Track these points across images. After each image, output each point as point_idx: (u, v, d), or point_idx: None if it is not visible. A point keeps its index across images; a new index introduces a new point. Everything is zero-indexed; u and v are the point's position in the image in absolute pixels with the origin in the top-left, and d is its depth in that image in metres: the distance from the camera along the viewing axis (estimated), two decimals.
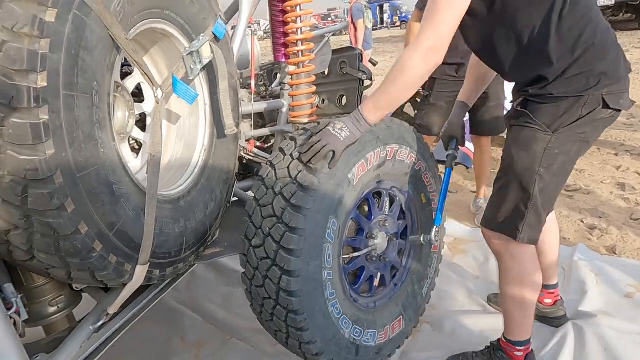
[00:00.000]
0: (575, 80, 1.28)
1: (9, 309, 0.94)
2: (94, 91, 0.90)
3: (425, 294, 1.89)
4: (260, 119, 2.29)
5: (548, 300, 1.84)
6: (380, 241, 1.69)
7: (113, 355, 1.94)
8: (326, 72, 2.37)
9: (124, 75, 1.33)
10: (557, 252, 1.76)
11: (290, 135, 1.57)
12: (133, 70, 1.41)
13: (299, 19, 1.78)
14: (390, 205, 1.77)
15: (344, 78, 2.29)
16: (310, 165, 1.35)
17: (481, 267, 2.41)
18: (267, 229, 1.38)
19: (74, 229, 0.89)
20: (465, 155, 3.37)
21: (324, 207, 1.38)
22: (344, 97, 2.32)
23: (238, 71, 2.04)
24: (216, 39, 1.41)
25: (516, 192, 1.39)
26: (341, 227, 1.47)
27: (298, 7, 1.77)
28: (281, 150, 1.50)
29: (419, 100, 2.90)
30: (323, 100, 2.42)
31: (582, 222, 2.75)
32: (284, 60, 1.89)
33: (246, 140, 1.96)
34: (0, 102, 0.76)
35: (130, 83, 1.39)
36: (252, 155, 1.88)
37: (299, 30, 1.79)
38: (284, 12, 1.79)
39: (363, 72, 2.21)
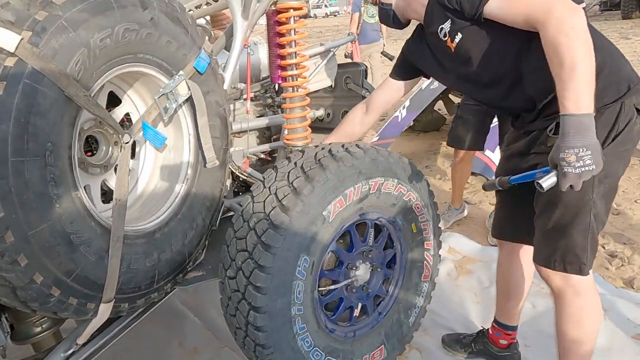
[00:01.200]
0: (606, 91, 1.23)
1: None
2: (48, 152, 0.96)
3: (412, 323, 1.87)
4: (267, 131, 2.31)
5: (503, 342, 1.80)
6: (362, 272, 1.69)
7: (113, 353, 2.08)
8: (332, 86, 2.34)
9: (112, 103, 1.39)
10: (525, 294, 1.67)
11: (275, 165, 1.58)
12: (121, 101, 1.47)
13: (293, 42, 1.76)
14: (377, 235, 1.76)
15: (348, 94, 2.26)
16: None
17: (483, 291, 2.34)
18: (240, 262, 1.41)
19: (27, 280, 0.96)
20: (486, 166, 3.24)
21: (295, 245, 1.39)
22: (346, 113, 2.28)
23: (241, 85, 2.07)
24: (198, 72, 1.43)
25: (574, 226, 1.32)
26: (315, 263, 1.48)
27: (292, 31, 1.75)
28: (262, 181, 1.52)
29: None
30: (328, 114, 2.40)
31: (604, 247, 2.58)
32: (280, 82, 1.89)
33: (246, 156, 2.00)
34: None
35: (118, 112, 1.45)
36: (246, 175, 1.91)
37: (294, 54, 1.78)
38: (279, 34, 1.78)
39: (366, 89, 2.17)
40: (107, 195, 1.44)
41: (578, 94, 1.10)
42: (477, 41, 1.33)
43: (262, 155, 2.29)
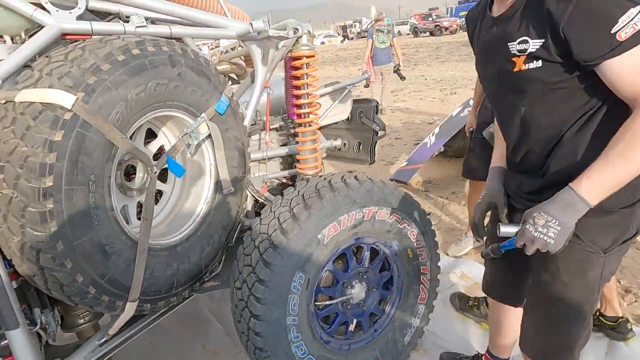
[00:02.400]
0: (623, 189, 1.05)
1: (35, 327, 1.34)
2: (91, 182, 1.26)
3: (407, 342, 2.02)
4: (289, 158, 2.57)
5: None
6: (357, 291, 1.87)
7: (142, 350, 2.37)
8: (349, 119, 2.57)
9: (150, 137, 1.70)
10: (517, 332, 1.62)
11: (283, 191, 1.83)
12: (157, 135, 1.78)
13: (306, 84, 2.02)
14: (373, 258, 1.94)
15: (361, 127, 2.48)
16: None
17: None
18: (245, 275, 1.66)
19: (71, 279, 1.25)
20: None
21: (291, 263, 1.62)
22: (360, 145, 2.50)
23: (256, 119, 2.34)
24: (218, 113, 1.71)
25: (573, 323, 1.25)
26: (310, 280, 1.69)
27: (305, 75, 2.01)
28: (270, 206, 1.77)
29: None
30: (345, 144, 2.62)
31: (619, 282, 2.57)
32: (295, 117, 2.14)
33: (265, 182, 2.26)
34: (22, 199, 1.14)
35: (155, 145, 1.76)
36: (263, 199, 2.17)
37: (306, 95, 2.03)
38: (294, 77, 2.04)
39: (377, 124, 2.38)
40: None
41: (600, 184, 1.02)
42: (549, 81, 1.09)
43: (284, 180, 2.54)
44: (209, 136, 1.71)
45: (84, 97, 1.23)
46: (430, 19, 33.45)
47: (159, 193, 1.84)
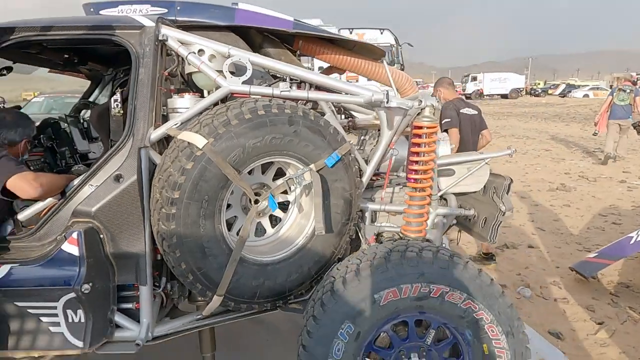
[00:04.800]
0: None
1: (158, 289, 1.94)
2: (204, 200, 1.76)
3: None
4: None
5: None
6: None
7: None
8: (483, 191, 2.48)
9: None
10: None
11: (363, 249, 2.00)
12: (285, 173, 2.22)
13: (422, 153, 2.12)
14: (442, 339, 1.88)
15: (491, 202, 2.36)
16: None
17: None
18: (309, 308, 1.90)
19: (178, 264, 1.78)
20: None
21: (343, 311, 1.78)
22: (486, 220, 2.37)
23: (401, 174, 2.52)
24: (327, 166, 2.01)
25: None
26: (361, 334, 1.80)
27: (423, 144, 2.12)
28: (349, 259, 1.97)
29: None
30: (475, 216, 2.53)
31: None
32: (408, 181, 2.24)
33: (374, 233, 2.43)
34: (161, 202, 1.73)
35: (278, 182, 2.21)
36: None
37: (421, 162, 2.13)
38: (415, 144, 2.16)
39: (504, 203, 2.24)
40: (258, 232, 2.21)
41: None
42: None
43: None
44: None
45: (212, 142, 1.74)
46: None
47: (278, 219, 2.27)
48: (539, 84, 60.97)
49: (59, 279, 1.74)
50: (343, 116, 3.45)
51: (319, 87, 2.25)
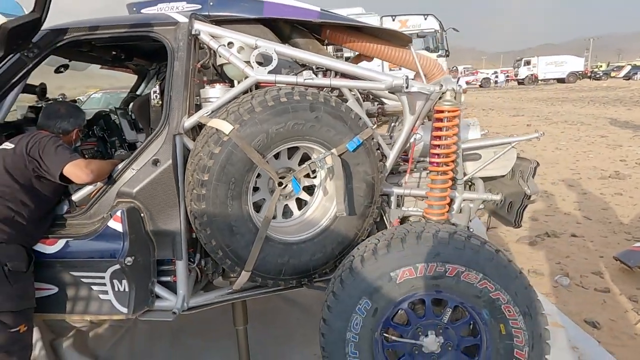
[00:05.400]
0: None
1: (192, 264, 2.13)
2: (231, 182, 1.90)
3: None
4: None
5: None
6: (430, 341, 1.93)
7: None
8: (511, 176, 2.46)
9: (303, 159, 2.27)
10: None
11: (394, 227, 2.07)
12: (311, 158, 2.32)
13: (443, 137, 2.15)
14: (459, 318, 1.92)
15: (517, 186, 2.34)
16: None
17: None
18: (331, 285, 2.01)
19: (208, 241, 1.94)
20: None
21: (360, 287, 1.88)
22: (511, 205, 2.36)
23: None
24: (348, 150, 2.09)
25: None
26: (379, 310, 1.89)
27: (444, 129, 2.14)
28: (369, 239, 2.04)
29: None
30: (502, 201, 2.52)
31: None
32: (431, 165, 2.27)
33: (398, 217, 2.49)
34: (193, 184, 1.89)
35: (304, 169, 2.31)
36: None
37: (443, 146, 2.16)
38: (437, 128, 2.19)
39: (529, 187, 2.22)
40: (287, 215, 2.33)
41: None
42: None
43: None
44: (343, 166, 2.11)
45: (238, 128, 1.88)
46: None
47: (305, 203, 2.39)
48: (600, 66, 56.99)
49: (106, 252, 1.95)
50: (377, 103, 3.51)
51: (345, 75, 2.33)
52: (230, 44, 2.21)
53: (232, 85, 2.27)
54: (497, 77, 43.61)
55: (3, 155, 2.01)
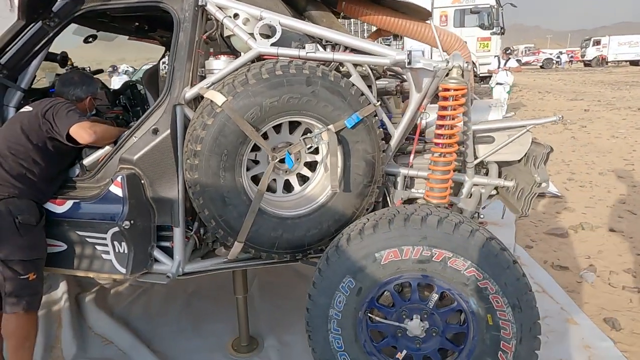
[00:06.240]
0: None
1: (190, 232, 2.19)
2: (224, 154, 1.92)
3: None
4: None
5: None
6: (414, 325, 1.89)
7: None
8: (526, 161, 2.32)
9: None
10: None
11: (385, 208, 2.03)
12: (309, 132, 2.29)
13: (448, 116, 2.05)
14: (445, 305, 1.87)
15: (528, 172, 2.20)
16: None
17: None
18: (319, 262, 2.01)
19: (202, 210, 1.99)
20: None
21: (345, 265, 1.87)
22: (522, 191, 2.23)
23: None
24: (346, 127, 2.05)
25: None
26: (363, 289, 1.87)
27: (449, 107, 2.04)
28: (360, 219, 2.01)
29: None
30: (515, 187, 2.38)
31: None
32: (434, 146, 2.18)
33: (401, 198, 2.42)
34: (187, 154, 1.93)
35: (299, 144, 2.28)
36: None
37: (447, 126, 2.06)
38: (442, 107, 2.09)
39: (539, 174, 2.09)
40: (288, 188, 2.34)
41: None
42: None
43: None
44: (340, 143, 2.07)
45: (231, 100, 1.88)
46: None
47: (306, 179, 2.38)
48: None
49: (107, 215, 2.06)
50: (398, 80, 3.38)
51: (354, 50, 2.25)
52: (236, 15, 2.19)
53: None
54: (559, 57, 40.60)
55: (22, 117, 2.15)
